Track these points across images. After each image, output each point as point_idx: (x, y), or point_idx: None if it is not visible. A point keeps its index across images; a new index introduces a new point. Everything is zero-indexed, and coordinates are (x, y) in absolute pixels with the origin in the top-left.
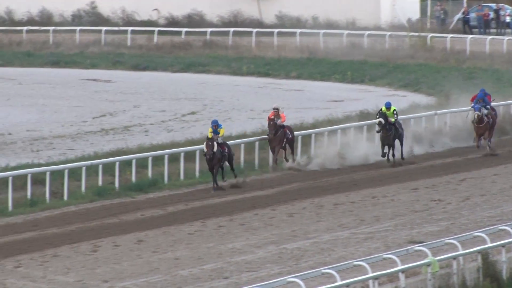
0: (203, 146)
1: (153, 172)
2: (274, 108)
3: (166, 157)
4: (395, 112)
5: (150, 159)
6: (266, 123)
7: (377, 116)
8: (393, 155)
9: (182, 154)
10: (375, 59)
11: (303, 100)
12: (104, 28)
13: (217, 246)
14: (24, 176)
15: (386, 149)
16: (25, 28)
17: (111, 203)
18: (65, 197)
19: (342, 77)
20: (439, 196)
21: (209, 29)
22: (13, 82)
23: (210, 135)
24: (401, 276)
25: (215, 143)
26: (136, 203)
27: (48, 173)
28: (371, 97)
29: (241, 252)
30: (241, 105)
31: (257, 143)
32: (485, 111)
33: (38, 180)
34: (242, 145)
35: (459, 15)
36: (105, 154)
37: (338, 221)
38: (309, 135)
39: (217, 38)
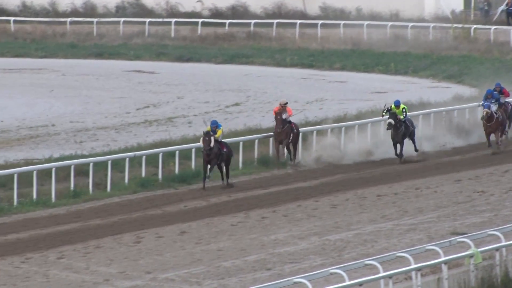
0: (200, 141)
1: (196, 163)
2: (280, 103)
3: None
4: (404, 110)
5: (193, 150)
6: (308, 114)
7: (384, 112)
8: (402, 153)
9: (241, 143)
10: (418, 50)
11: (346, 92)
12: (148, 20)
13: (260, 237)
14: (67, 167)
15: (398, 147)
16: (69, 19)
17: (154, 195)
18: (108, 189)
19: (386, 68)
20: (482, 188)
21: (253, 21)
22: (56, 73)
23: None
24: (444, 268)
25: (212, 138)
26: (179, 194)
27: (91, 165)
28: (415, 88)
29: (284, 244)
30: (284, 96)
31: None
32: (494, 108)
33: (82, 171)
34: (271, 139)
35: (502, 7)
36: (149, 145)
37: (381, 212)
38: (339, 128)
39: (261, 29)
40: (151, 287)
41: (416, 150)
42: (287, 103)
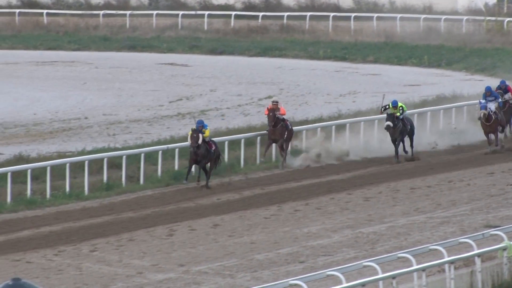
0: (188, 139)
1: (229, 156)
2: (273, 101)
3: (242, 141)
4: (401, 109)
5: (226, 143)
6: (341, 107)
7: (382, 110)
8: (399, 151)
9: (259, 138)
10: (451, 43)
11: (379, 84)
12: (181, 12)
13: (293, 230)
14: (100, 160)
15: (400, 145)
16: (102, 12)
17: (187, 187)
18: (141, 181)
19: (419, 61)
20: None
21: (286, 13)
22: (89, 66)
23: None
24: (477, 260)
25: (200, 135)
26: (212, 187)
27: (124, 157)
28: (448, 81)
29: (317, 236)
30: (317, 89)
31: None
32: (493, 107)
33: (114, 164)
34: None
35: None
36: (182, 138)
37: (414, 205)
38: (359, 123)
39: (294, 22)
40: (184, 280)
41: (409, 148)
42: (278, 102)
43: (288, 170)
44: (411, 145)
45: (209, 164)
